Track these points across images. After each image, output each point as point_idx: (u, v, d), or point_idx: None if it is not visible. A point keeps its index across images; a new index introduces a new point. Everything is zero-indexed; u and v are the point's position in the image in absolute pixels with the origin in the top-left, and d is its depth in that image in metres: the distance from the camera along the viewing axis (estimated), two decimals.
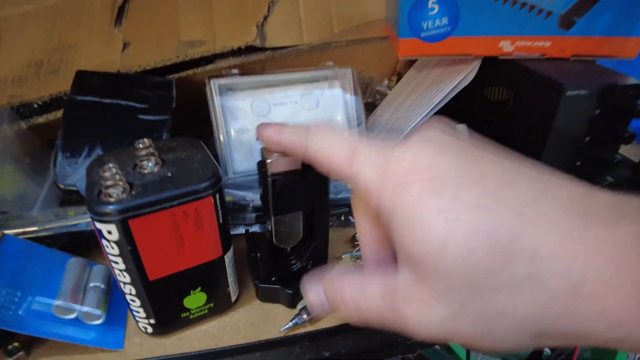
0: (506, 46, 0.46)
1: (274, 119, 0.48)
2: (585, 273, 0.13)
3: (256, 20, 0.52)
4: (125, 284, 0.30)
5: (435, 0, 0.43)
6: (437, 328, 0.16)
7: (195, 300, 0.34)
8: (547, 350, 0.75)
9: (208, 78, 0.45)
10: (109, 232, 0.27)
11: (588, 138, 0.43)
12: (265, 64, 0.53)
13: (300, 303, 0.37)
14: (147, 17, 0.51)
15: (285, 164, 0.30)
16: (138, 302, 0.32)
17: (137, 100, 0.44)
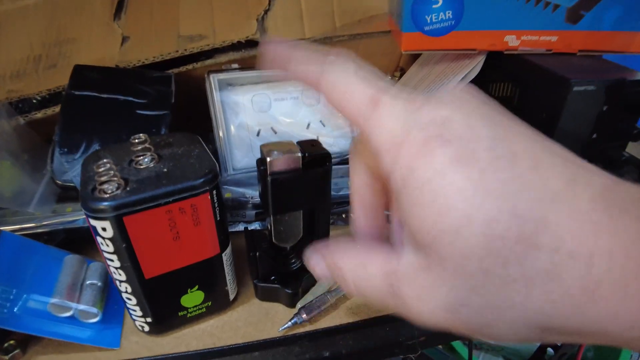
0: (511, 41, 0.45)
1: (274, 115, 0.47)
2: (605, 273, 0.12)
3: (257, 13, 0.51)
4: (121, 282, 0.30)
5: None
6: (441, 315, 0.15)
7: (192, 298, 0.33)
8: (550, 350, 0.75)
9: (208, 73, 0.44)
10: (104, 229, 0.26)
11: (595, 135, 0.42)
12: None
13: (300, 302, 0.36)
14: (147, 11, 0.50)
15: (285, 163, 0.29)
16: (134, 301, 0.31)
17: (136, 95, 0.44)
